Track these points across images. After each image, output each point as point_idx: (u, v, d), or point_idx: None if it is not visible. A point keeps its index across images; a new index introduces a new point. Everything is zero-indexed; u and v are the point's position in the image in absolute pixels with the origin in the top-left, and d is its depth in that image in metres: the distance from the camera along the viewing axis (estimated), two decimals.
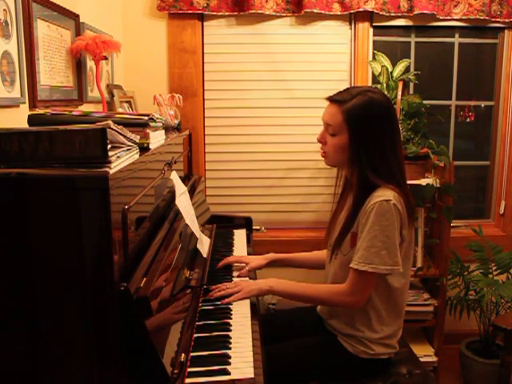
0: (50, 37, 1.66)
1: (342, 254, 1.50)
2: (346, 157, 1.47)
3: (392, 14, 2.51)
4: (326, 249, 1.69)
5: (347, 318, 1.52)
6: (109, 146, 0.92)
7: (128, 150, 1.06)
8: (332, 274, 1.57)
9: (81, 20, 1.89)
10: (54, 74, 1.68)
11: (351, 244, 1.47)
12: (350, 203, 1.52)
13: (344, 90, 1.48)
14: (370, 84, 2.61)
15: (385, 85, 2.40)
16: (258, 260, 1.76)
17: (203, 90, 2.64)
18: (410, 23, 2.60)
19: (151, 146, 1.28)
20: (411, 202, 1.45)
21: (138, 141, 1.13)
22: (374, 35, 2.64)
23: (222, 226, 2.25)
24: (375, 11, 2.49)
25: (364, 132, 1.42)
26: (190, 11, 2.46)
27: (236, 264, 1.78)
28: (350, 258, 1.45)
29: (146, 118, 1.29)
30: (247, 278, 1.69)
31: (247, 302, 1.52)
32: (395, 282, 1.47)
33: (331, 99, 1.48)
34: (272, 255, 1.79)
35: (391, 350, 1.54)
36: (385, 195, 1.39)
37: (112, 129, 0.95)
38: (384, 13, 2.49)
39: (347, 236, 1.49)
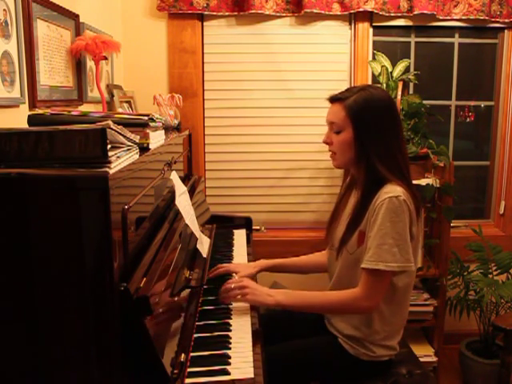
0: (50, 37, 1.66)
1: (348, 253, 1.47)
2: (352, 153, 1.46)
3: (392, 14, 2.51)
4: (326, 249, 1.68)
5: (350, 318, 1.51)
6: (109, 146, 0.92)
7: (128, 150, 1.06)
8: (337, 273, 1.54)
9: (81, 20, 1.90)
10: (53, 74, 1.68)
11: (358, 242, 1.45)
12: (355, 201, 1.50)
13: (345, 90, 1.50)
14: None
15: (385, 85, 2.39)
16: (248, 269, 1.70)
17: (203, 90, 2.64)
18: (409, 23, 2.60)
19: (151, 146, 1.28)
20: (418, 197, 1.44)
21: (137, 141, 1.13)
22: (374, 35, 2.64)
23: (221, 225, 2.24)
24: (375, 11, 2.49)
25: (367, 124, 1.43)
26: (189, 11, 2.47)
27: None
28: (356, 257, 1.43)
29: (146, 118, 1.29)
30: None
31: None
32: (400, 281, 1.45)
33: (333, 99, 1.49)
34: (262, 262, 1.74)
35: (392, 351, 1.53)
36: (394, 191, 1.37)
37: (112, 129, 0.95)
38: (384, 13, 2.49)
39: (354, 234, 1.46)
